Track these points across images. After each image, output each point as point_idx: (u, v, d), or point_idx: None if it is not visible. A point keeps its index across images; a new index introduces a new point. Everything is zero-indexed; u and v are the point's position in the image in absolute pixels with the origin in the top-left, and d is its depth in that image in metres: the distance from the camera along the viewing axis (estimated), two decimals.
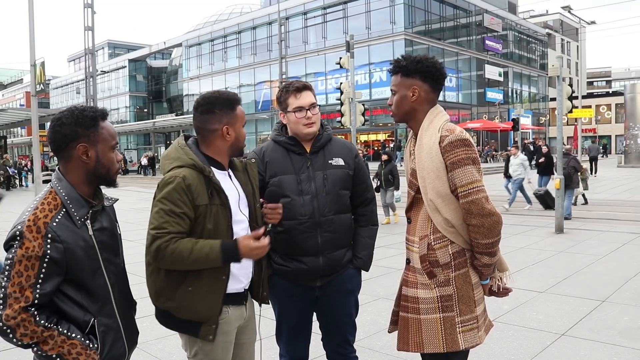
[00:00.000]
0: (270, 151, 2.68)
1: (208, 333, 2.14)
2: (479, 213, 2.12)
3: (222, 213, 2.16)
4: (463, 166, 2.14)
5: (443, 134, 2.19)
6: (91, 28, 23.93)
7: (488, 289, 2.35)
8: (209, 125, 2.22)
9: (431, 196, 2.18)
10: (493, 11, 44.80)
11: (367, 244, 2.73)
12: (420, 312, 2.22)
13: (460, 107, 42.52)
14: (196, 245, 2.06)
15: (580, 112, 26.48)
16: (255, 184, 2.38)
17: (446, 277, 2.20)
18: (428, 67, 2.28)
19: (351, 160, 2.70)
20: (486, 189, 2.20)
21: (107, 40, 64.37)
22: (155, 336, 4.33)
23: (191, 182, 2.10)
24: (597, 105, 53.65)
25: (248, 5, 53.15)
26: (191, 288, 2.12)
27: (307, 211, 2.55)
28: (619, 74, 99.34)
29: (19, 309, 1.65)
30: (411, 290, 2.27)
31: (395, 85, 2.34)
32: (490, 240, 2.15)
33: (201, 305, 2.13)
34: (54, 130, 1.82)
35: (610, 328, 4.56)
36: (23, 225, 1.70)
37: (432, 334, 2.19)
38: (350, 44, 16.40)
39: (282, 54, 32.30)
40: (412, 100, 2.29)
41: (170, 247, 2.04)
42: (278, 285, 2.63)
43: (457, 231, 2.20)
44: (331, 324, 2.74)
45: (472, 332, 2.20)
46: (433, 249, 2.21)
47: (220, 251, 2.07)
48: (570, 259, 7.38)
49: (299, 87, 2.63)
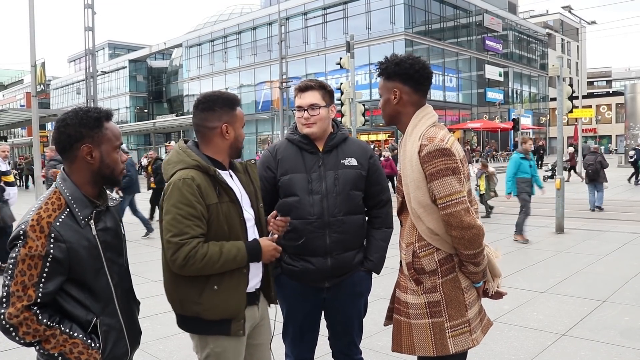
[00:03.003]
0: (283, 149, 2.67)
1: (239, 328, 2.17)
2: (458, 226, 2.07)
3: (233, 210, 2.17)
4: (441, 177, 2.08)
5: (423, 142, 2.13)
6: (91, 28, 23.89)
7: (482, 291, 2.33)
8: (208, 123, 2.22)
9: (414, 205, 2.16)
10: (493, 11, 44.79)
11: (380, 247, 2.70)
12: (411, 316, 2.23)
13: (460, 107, 42.51)
14: (224, 249, 2.08)
15: (580, 112, 26.43)
16: (257, 185, 2.39)
17: (433, 284, 2.18)
18: (407, 68, 2.22)
19: (365, 160, 2.65)
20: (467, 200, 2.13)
21: (108, 41, 64.36)
22: (156, 336, 4.33)
23: (200, 182, 2.09)
24: (597, 105, 53.62)
25: (248, 5, 53.15)
26: (217, 287, 2.12)
27: (316, 211, 2.53)
28: (619, 74, 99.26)
29: (22, 308, 1.66)
30: (402, 294, 2.29)
31: (380, 88, 2.33)
32: (472, 252, 2.12)
33: (229, 302, 2.14)
34: (58, 131, 1.83)
35: (611, 328, 4.56)
36: (27, 225, 1.71)
37: (422, 338, 2.20)
38: (350, 44, 16.42)
39: (283, 54, 32.26)
40: (395, 103, 2.25)
41: (200, 252, 2.03)
42: (286, 284, 2.63)
43: (442, 238, 2.16)
44: (338, 325, 2.73)
45: (463, 336, 2.19)
46: (418, 256, 2.19)
47: (247, 253, 2.12)
48: (571, 259, 7.38)
49: (301, 87, 2.63)
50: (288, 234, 2.49)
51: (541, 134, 52.60)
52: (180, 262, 2.03)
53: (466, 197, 2.12)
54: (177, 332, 2.30)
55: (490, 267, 2.32)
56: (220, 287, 2.12)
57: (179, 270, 2.06)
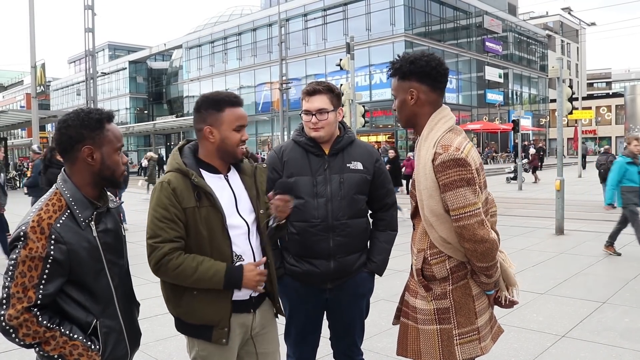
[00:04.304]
0: (289, 151, 2.66)
1: (221, 336, 2.12)
2: (470, 239, 2.00)
3: (213, 215, 2.11)
4: (455, 189, 2.00)
5: (437, 150, 2.04)
6: (91, 30, 23.89)
7: (493, 299, 2.27)
8: (196, 125, 2.22)
9: (427, 213, 2.09)
10: (493, 13, 44.82)
11: (384, 249, 2.71)
12: (419, 322, 2.18)
13: (460, 108, 42.51)
14: (201, 266, 2.04)
15: (580, 113, 26.46)
16: (262, 188, 2.32)
17: (443, 291, 2.13)
18: (423, 66, 2.13)
19: (371, 164, 2.65)
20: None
21: (108, 42, 64.39)
22: (155, 338, 4.33)
23: (176, 185, 2.09)
24: (597, 107, 53.58)
25: (248, 6, 53.20)
26: (196, 292, 2.10)
27: (321, 214, 2.53)
28: (619, 76, 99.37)
29: (22, 309, 1.66)
30: (411, 298, 2.24)
31: (395, 89, 2.23)
32: (485, 265, 2.05)
33: (209, 309, 2.11)
34: (60, 132, 1.83)
35: (611, 329, 4.56)
36: (27, 226, 1.71)
37: (430, 345, 2.15)
38: (350, 46, 16.42)
39: (283, 55, 32.29)
40: (412, 104, 2.16)
41: (173, 262, 2.02)
42: (289, 285, 2.64)
43: (454, 247, 2.10)
44: (340, 326, 2.73)
45: (471, 344, 2.14)
46: (429, 263, 2.13)
47: (225, 278, 2.05)
48: (571, 260, 7.38)
49: (309, 91, 2.61)
50: (292, 235, 2.49)
51: (541, 135, 52.61)
52: (152, 266, 2.06)
53: (481, 209, 2.04)
54: (176, 333, 2.30)
55: (504, 276, 2.26)
56: (199, 293, 2.09)
57: (154, 272, 2.09)
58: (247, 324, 2.24)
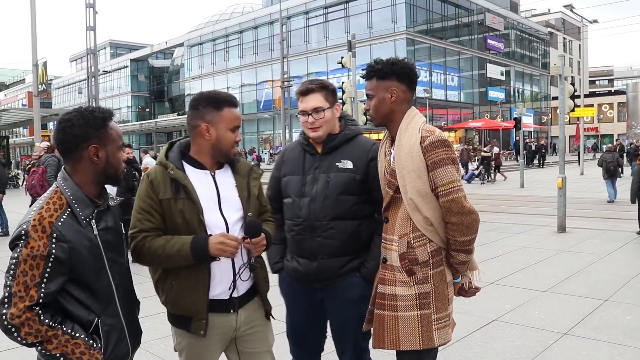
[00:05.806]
0: (290, 150, 2.70)
1: (199, 328, 2.15)
2: (459, 211, 2.19)
3: (189, 207, 2.11)
4: (444, 166, 2.21)
5: (424, 134, 2.24)
6: (93, 28, 23.87)
7: (458, 287, 2.41)
8: (192, 121, 2.22)
9: (411, 195, 2.23)
10: (495, 10, 44.74)
11: (378, 254, 2.52)
12: (398, 309, 2.25)
13: (462, 106, 42.49)
14: (169, 243, 2.09)
15: (582, 111, 26.43)
16: (253, 191, 2.28)
17: (424, 275, 2.25)
18: (403, 67, 2.33)
19: (363, 163, 2.52)
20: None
21: (109, 40, 64.46)
22: (157, 336, 4.34)
23: (154, 177, 2.17)
24: (599, 104, 53.46)
25: (250, 4, 53.18)
26: (174, 282, 2.16)
27: (304, 214, 2.51)
28: (621, 73, 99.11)
29: (24, 308, 1.66)
30: (388, 287, 2.29)
31: (372, 89, 2.36)
32: (468, 238, 2.22)
33: (186, 300, 2.14)
34: (64, 131, 1.82)
35: (613, 327, 4.56)
36: (28, 225, 1.71)
37: (409, 331, 2.23)
38: (352, 44, 16.42)
39: (284, 53, 32.28)
40: (392, 101, 2.33)
41: (146, 245, 2.09)
42: (285, 280, 2.69)
43: (435, 230, 2.25)
44: (333, 330, 2.67)
45: (445, 330, 2.27)
46: (412, 247, 2.25)
47: (190, 247, 2.06)
48: (573, 258, 7.37)
49: (302, 91, 2.56)
50: (288, 232, 2.52)
51: (543, 132, 52.52)
52: (132, 254, 2.14)
53: (463, 186, 2.25)
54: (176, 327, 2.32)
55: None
56: (177, 284, 2.15)
57: (134, 261, 2.17)
58: (230, 324, 2.22)
